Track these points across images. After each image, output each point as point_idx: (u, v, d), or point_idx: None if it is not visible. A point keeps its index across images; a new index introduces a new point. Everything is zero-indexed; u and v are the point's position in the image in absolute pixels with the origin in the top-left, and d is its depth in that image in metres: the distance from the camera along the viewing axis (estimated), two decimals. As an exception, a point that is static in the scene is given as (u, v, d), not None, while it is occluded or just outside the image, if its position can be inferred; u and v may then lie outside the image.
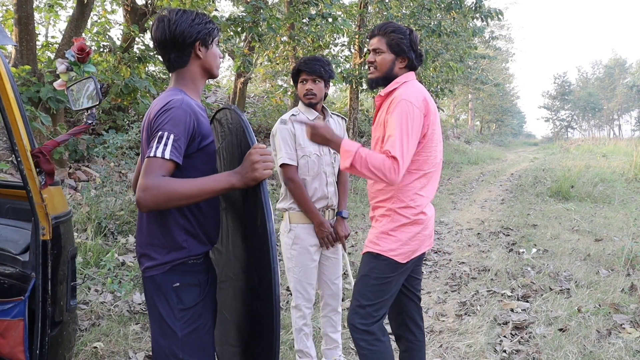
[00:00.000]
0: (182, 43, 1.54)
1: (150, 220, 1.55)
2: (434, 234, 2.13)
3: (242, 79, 9.82)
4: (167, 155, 1.37)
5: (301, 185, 2.49)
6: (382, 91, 2.05)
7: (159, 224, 1.53)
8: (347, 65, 11.12)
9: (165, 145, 1.38)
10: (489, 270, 4.56)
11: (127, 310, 3.39)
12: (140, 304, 3.50)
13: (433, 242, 2.16)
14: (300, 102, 2.62)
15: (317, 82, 2.50)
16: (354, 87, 11.23)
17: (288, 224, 2.56)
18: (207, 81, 1.75)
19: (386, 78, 2.03)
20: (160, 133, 1.40)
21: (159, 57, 7.18)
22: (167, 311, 1.54)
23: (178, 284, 1.54)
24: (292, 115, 2.56)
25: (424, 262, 5.02)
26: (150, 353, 2.86)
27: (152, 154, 1.37)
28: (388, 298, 1.98)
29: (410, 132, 1.83)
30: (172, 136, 1.40)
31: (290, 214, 2.56)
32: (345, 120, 2.76)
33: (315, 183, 2.52)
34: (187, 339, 1.55)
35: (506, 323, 3.36)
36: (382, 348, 1.97)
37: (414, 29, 11.17)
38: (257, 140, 1.73)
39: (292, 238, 2.54)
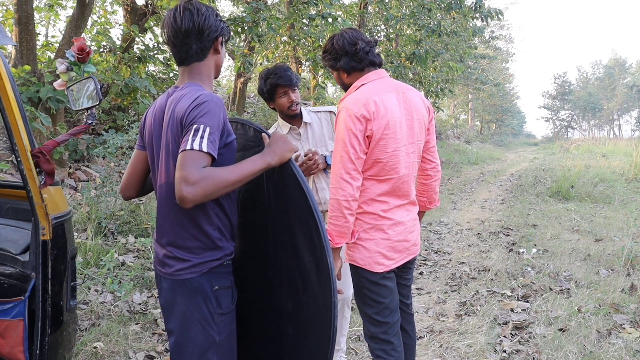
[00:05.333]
0: (207, 36, 1.51)
1: (179, 220, 1.48)
2: (415, 241, 2.04)
3: (242, 79, 9.82)
4: (204, 148, 1.31)
5: None
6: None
7: (192, 224, 1.47)
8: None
9: (202, 138, 1.32)
10: (489, 270, 4.56)
11: (127, 310, 3.39)
12: (140, 304, 3.50)
13: (417, 250, 2.08)
14: (279, 118, 2.54)
15: (294, 90, 2.44)
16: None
17: None
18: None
19: (347, 90, 2.02)
20: (195, 126, 1.35)
21: (166, 51, 7.23)
22: (204, 315, 1.48)
23: (217, 287, 1.49)
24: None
25: (424, 262, 5.03)
26: (150, 353, 2.87)
27: (189, 147, 1.31)
28: (387, 302, 1.95)
29: (347, 142, 1.82)
30: (207, 129, 1.34)
31: None
32: (333, 111, 2.58)
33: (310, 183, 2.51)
34: (223, 344, 1.52)
35: (506, 323, 3.36)
36: (398, 357, 1.97)
37: (414, 29, 11.26)
38: None
39: None
